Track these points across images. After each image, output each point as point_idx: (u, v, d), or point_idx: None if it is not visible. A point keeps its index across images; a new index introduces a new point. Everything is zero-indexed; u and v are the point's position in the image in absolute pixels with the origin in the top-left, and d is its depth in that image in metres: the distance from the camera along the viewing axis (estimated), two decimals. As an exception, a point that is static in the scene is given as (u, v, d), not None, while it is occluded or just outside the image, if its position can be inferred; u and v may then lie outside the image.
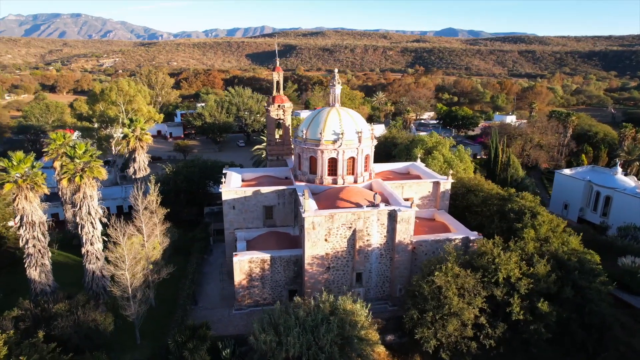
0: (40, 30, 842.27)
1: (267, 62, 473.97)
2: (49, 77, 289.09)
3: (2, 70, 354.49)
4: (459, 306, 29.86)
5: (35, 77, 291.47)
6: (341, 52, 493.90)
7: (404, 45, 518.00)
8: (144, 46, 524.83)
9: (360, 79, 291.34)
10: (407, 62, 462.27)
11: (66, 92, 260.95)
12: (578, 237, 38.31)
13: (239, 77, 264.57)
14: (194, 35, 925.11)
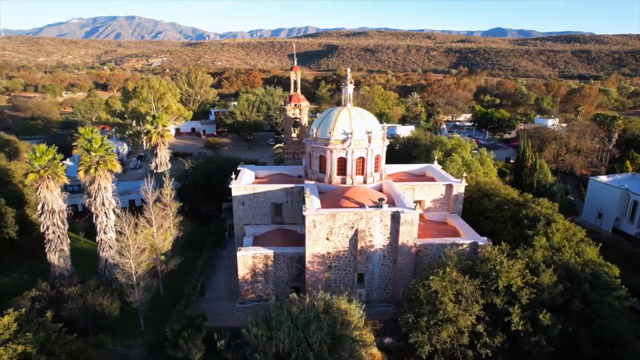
0: (99, 32, 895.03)
1: (309, 62, 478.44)
2: (102, 76, 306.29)
3: (63, 70, 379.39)
4: (454, 312, 29.09)
5: (90, 76, 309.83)
6: (383, 52, 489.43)
7: (448, 46, 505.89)
8: (190, 46, 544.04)
9: (400, 80, 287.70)
10: (451, 62, 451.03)
11: (116, 90, 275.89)
12: (596, 248, 36.22)
13: (278, 76, 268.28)
14: (239, 36, 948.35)
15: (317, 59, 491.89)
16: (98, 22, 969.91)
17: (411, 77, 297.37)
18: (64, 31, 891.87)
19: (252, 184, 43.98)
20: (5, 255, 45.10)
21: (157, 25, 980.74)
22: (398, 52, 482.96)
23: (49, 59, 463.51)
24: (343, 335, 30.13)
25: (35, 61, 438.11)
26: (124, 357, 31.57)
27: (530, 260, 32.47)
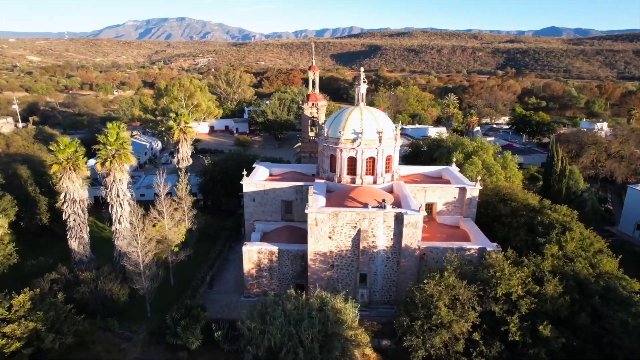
0: (151, 34, 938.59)
1: (351, 63, 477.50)
2: (150, 75, 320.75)
3: (117, 69, 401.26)
4: (449, 318, 28.38)
5: (139, 75, 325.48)
6: (427, 52, 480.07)
7: (495, 46, 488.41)
8: (235, 46, 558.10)
9: (442, 81, 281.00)
10: (497, 63, 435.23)
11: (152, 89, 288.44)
12: (615, 260, 34.05)
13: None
14: (284, 36, 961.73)
15: (359, 60, 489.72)
16: (151, 23, 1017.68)
17: (454, 79, 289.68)
18: (120, 33, 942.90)
19: (264, 180, 44.83)
20: (39, 240, 48.50)
21: (205, 26, 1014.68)
22: (442, 53, 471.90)
23: (105, 59, 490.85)
24: (335, 333, 30.21)
25: (93, 61, 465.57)
26: (127, 340, 33.19)
27: (537, 268, 31.10)
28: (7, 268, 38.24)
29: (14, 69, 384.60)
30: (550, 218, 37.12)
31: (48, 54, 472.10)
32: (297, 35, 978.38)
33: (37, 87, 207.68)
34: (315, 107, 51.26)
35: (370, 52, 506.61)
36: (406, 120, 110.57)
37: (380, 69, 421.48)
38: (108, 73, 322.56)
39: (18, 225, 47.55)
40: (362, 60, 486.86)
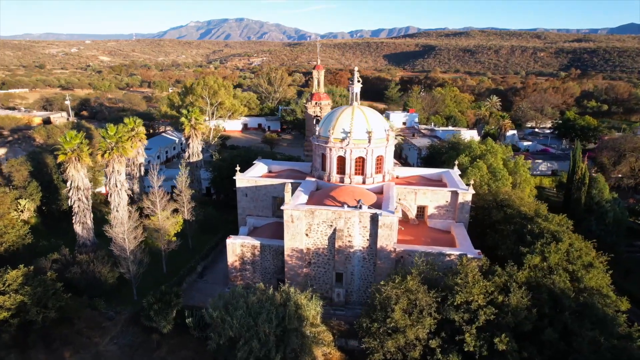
0: (211, 34, 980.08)
1: (404, 63, 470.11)
2: (204, 74, 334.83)
3: (176, 68, 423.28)
4: (403, 322, 27.78)
5: (194, 74, 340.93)
6: (483, 53, 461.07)
7: (559, 46, 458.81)
8: (289, 46, 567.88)
9: (496, 82, 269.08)
10: (561, 64, 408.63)
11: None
12: (605, 276, 31.62)
13: (364, 76, 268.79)
14: (339, 36, 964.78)
15: (413, 60, 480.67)
16: (212, 24, 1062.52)
17: (507, 80, 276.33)
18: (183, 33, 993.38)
19: (257, 177, 45.92)
20: (59, 223, 52.85)
21: (262, 27, 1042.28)
22: (500, 53, 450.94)
23: (166, 58, 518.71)
24: (294, 329, 30.58)
25: (155, 60, 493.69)
26: (110, 320, 35.56)
27: (510, 279, 29.60)
28: (21, 246, 42.11)
29: (87, 68, 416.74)
30: (540, 227, 35.02)
31: (117, 54, 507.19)
32: (352, 35, 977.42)
33: (101, 84, 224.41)
34: (318, 106, 51.70)
35: (424, 53, 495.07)
36: (440, 121, 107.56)
37: (434, 69, 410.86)
38: (165, 72, 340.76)
39: (42, 209, 52.16)
40: (415, 60, 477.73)
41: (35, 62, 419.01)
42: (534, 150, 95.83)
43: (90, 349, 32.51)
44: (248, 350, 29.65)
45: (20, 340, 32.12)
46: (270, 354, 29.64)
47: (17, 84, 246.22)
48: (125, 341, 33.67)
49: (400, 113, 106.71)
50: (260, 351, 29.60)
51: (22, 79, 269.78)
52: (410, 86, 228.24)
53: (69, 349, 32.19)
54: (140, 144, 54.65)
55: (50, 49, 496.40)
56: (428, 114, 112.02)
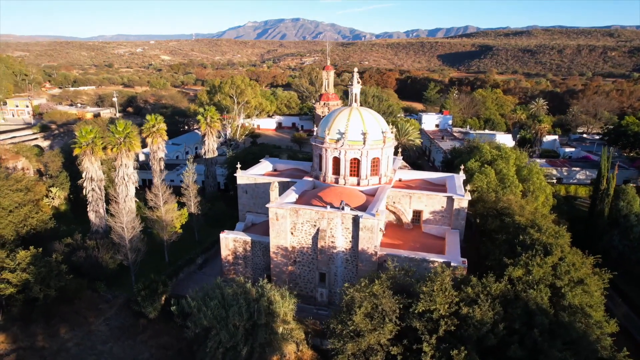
0: (268, 34, 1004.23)
1: (459, 63, 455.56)
2: (256, 73, 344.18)
3: (231, 67, 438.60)
4: (363, 326, 27.57)
5: (247, 73, 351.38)
6: (545, 53, 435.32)
7: (635, 44, 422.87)
8: (342, 46, 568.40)
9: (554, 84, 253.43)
10: (635, 64, 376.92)
11: (264, 86, 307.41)
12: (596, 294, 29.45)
13: (412, 77, 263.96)
14: (395, 36, 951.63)
15: (468, 60, 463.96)
16: (268, 24, 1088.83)
17: (567, 82, 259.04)
18: (240, 33, 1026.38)
19: (262, 175, 47.08)
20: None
21: (318, 26, 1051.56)
22: (564, 53, 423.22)
23: (222, 57, 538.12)
24: (264, 324, 31.33)
25: (212, 59, 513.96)
26: (107, 302, 38.19)
27: (484, 290, 28.43)
28: (43, 230, 46.06)
29: (149, 67, 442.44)
30: (532, 238, 33.16)
31: (177, 54, 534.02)
32: (408, 35, 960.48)
33: (156, 82, 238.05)
34: (326, 106, 52.05)
35: (481, 53, 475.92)
36: (476, 125, 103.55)
37: (489, 70, 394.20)
38: (218, 70, 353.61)
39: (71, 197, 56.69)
40: (471, 61, 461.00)
41: (105, 62, 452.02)
42: (576, 157, 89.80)
43: (84, 328, 35.16)
44: (218, 340, 30.78)
45: (25, 314, 35.38)
46: (238, 346, 30.61)
47: (87, 81, 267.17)
48: (116, 323, 36.05)
49: (433, 115, 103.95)
50: (229, 342, 30.65)
51: (91, 77, 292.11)
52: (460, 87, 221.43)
53: (65, 326, 35.03)
54: (160, 140, 57.75)
55: (119, 49, 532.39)
56: (465, 117, 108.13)
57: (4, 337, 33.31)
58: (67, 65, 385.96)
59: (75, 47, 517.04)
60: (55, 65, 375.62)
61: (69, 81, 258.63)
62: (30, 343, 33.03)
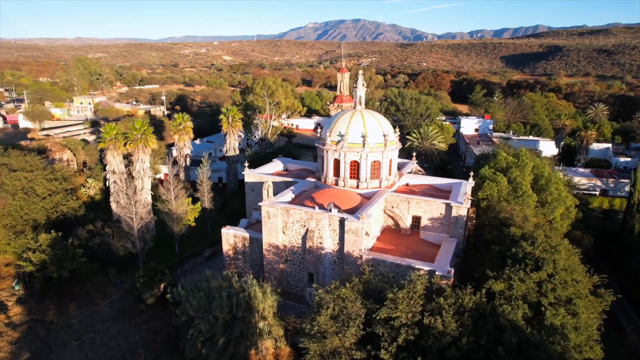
0: (328, 35, 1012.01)
1: (523, 65, 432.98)
2: (311, 73, 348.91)
3: (289, 67, 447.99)
4: (326, 327, 27.73)
5: (302, 73, 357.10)
6: (625, 53, 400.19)
7: None
8: (400, 47, 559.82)
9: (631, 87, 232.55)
10: None
11: (318, 87, 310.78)
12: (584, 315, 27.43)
13: (468, 79, 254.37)
14: (458, 37, 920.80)
15: (534, 62, 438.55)
16: (329, 25, 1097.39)
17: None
18: (301, 34, 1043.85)
19: (271, 174, 48.33)
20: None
21: (378, 27, 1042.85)
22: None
23: (281, 58, 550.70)
24: (242, 317, 32.43)
25: (271, 60, 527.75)
26: (115, 286, 41.24)
27: (456, 301, 27.54)
28: (73, 217, 50.52)
29: (211, 67, 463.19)
30: (525, 251, 31.39)
31: (238, 54, 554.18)
32: (471, 36, 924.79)
33: (213, 82, 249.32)
34: (340, 108, 52.17)
35: (549, 54, 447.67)
36: (521, 130, 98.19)
37: (556, 73, 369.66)
38: (274, 71, 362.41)
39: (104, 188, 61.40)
40: (537, 63, 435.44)
41: (172, 62, 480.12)
42: (632, 167, 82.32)
43: (90, 307, 38.31)
44: (199, 329, 32.34)
45: (43, 291, 39.22)
46: (216, 337, 31.95)
47: (152, 80, 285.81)
48: (118, 306, 38.90)
49: (473, 119, 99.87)
50: (208, 332, 32.09)
51: (156, 77, 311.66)
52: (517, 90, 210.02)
53: (74, 304, 38.38)
54: (186, 137, 61.16)
55: (184, 50, 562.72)
56: (510, 121, 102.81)
57: (21, 309, 37.19)
58: (137, 65, 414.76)
59: (147, 49, 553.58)
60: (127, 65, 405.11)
61: (136, 80, 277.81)
62: (41, 317, 36.61)
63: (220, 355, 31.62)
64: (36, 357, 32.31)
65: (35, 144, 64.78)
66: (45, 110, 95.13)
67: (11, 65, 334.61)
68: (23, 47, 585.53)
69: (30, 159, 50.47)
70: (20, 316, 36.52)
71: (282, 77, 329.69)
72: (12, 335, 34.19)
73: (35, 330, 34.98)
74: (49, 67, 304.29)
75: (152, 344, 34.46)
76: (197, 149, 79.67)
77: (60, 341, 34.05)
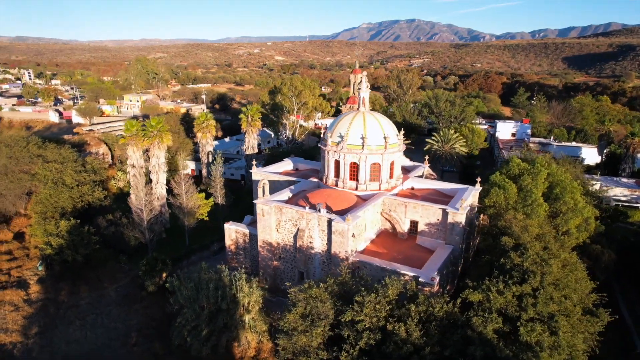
0: (381, 35, 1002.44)
1: (589, 67, 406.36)
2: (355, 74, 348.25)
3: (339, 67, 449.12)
4: (294, 326, 28.08)
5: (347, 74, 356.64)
6: None
7: None
8: (454, 48, 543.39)
9: None
10: None
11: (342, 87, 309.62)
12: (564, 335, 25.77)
13: (521, 81, 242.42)
14: (518, 37, 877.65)
15: (601, 63, 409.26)
16: (382, 25, 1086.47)
17: None
18: (354, 35, 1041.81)
19: (280, 173, 49.30)
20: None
21: (433, 27, 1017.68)
22: None
23: (332, 59, 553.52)
24: (225, 310, 33.54)
25: (322, 60, 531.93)
26: (124, 273, 43.97)
27: (427, 311, 26.96)
28: (98, 206, 54.24)
29: (263, 67, 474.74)
30: (513, 263, 29.97)
31: (290, 55, 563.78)
32: (533, 36, 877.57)
33: (260, 82, 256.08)
34: (352, 109, 51.97)
35: (619, 54, 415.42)
36: (564, 136, 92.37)
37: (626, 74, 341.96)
38: (323, 71, 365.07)
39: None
40: (604, 64, 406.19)
41: (226, 62, 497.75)
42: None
43: (99, 291, 41.15)
44: (185, 318, 33.92)
45: (61, 273, 42.59)
46: (200, 327, 33.29)
47: (204, 79, 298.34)
48: (124, 291, 41.47)
49: (510, 123, 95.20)
50: (193, 322, 33.53)
51: (208, 76, 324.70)
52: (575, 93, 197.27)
53: (85, 287, 41.39)
54: (209, 135, 63.67)
55: (239, 50, 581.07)
56: (552, 126, 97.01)
57: (39, 288, 40.70)
58: (193, 65, 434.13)
59: (203, 49, 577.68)
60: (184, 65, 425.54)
61: (190, 79, 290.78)
62: (55, 296, 39.87)
63: (202, 344, 32.90)
64: (42, 331, 35.28)
65: (77, 138, 70.19)
66: (94, 107, 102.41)
67: (82, 65, 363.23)
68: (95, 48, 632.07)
69: (63, 151, 54.84)
70: (37, 294, 39.96)
71: (329, 77, 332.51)
72: (27, 310, 37.55)
73: (47, 308, 38.17)
74: (114, 67, 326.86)
75: (146, 329, 36.41)
76: (226, 147, 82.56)
77: (66, 320, 36.91)
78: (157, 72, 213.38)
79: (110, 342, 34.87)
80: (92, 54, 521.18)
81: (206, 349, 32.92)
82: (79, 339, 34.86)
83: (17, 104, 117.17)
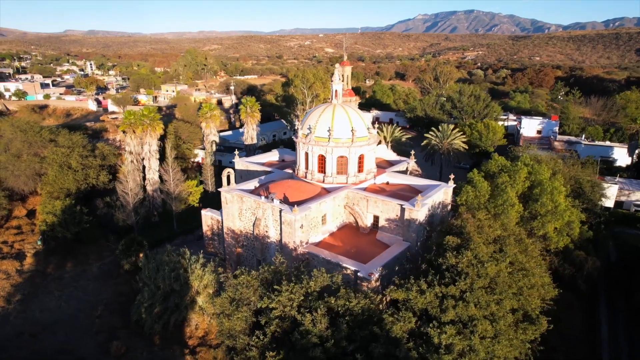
0: (437, 27, 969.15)
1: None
2: (405, 67, 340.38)
3: (389, 60, 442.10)
4: (223, 309, 29.10)
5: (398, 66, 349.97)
6: None
7: None
8: (512, 40, 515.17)
9: None
10: None
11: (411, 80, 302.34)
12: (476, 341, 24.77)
13: (578, 76, 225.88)
14: (588, 27, 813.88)
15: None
16: (439, 17, 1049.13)
17: None
18: (409, 26, 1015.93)
19: (263, 163, 50.36)
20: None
21: (493, 18, 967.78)
22: None
23: (383, 51, 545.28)
24: (176, 290, 35.26)
25: (372, 53, 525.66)
26: (110, 251, 47.15)
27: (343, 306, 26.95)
28: (102, 188, 58.12)
29: (312, 58, 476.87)
30: (449, 263, 29.03)
31: (341, 46, 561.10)
32: (606, 25, 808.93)
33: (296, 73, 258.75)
34: (342, 102, 51.78)
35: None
36: (599, 134, 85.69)
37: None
38: (368, 64, 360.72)
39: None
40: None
41: (277, 54, 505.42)
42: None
43: (83, 267, 44.54)
44: (143, 297, 36.03)
45: (55, 248, 46.50)
46: (154, 305, 35.25)
47: (252, 71, 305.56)
48: (105, 268, 44.57)
49: (535, 120, 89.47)
50: (149, 300, 35.55)
51: (255, 67, 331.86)
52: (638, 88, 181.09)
53: (72, 262, 44.98)
54: (212, 125, 65.91)
55: (290, 42, 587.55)
56: (587, 123, 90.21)
57: (32, 260, 44.76)
58: (245, 57, 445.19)
59: (256, 41, 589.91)
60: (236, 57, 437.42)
61: (238, 71, 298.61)
62: (43, 268, 43.70)
63: (154, 322, 34.86)
64: (24, 299, 38.93)
65: (98, 125, 75.30)
66: (128, 96, 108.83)
67: (142, 57, 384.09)
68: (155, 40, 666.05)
69: (74, 137, 59.24)
70: (29, 265, 44.00)
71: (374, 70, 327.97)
72: (16, 279, 41.54)
73: (34, 278, 41.97)
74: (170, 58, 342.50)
75: (113, 304, 39.03)
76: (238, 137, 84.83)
77: (47, 290, 40.42)
78: (206, 64, 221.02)
79: (78, 312, 37.80)
80: (152, 46, 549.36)
81: (157, 326, 34.85)
82: (53, 308, 38.07)
83: (64, 93, 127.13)
